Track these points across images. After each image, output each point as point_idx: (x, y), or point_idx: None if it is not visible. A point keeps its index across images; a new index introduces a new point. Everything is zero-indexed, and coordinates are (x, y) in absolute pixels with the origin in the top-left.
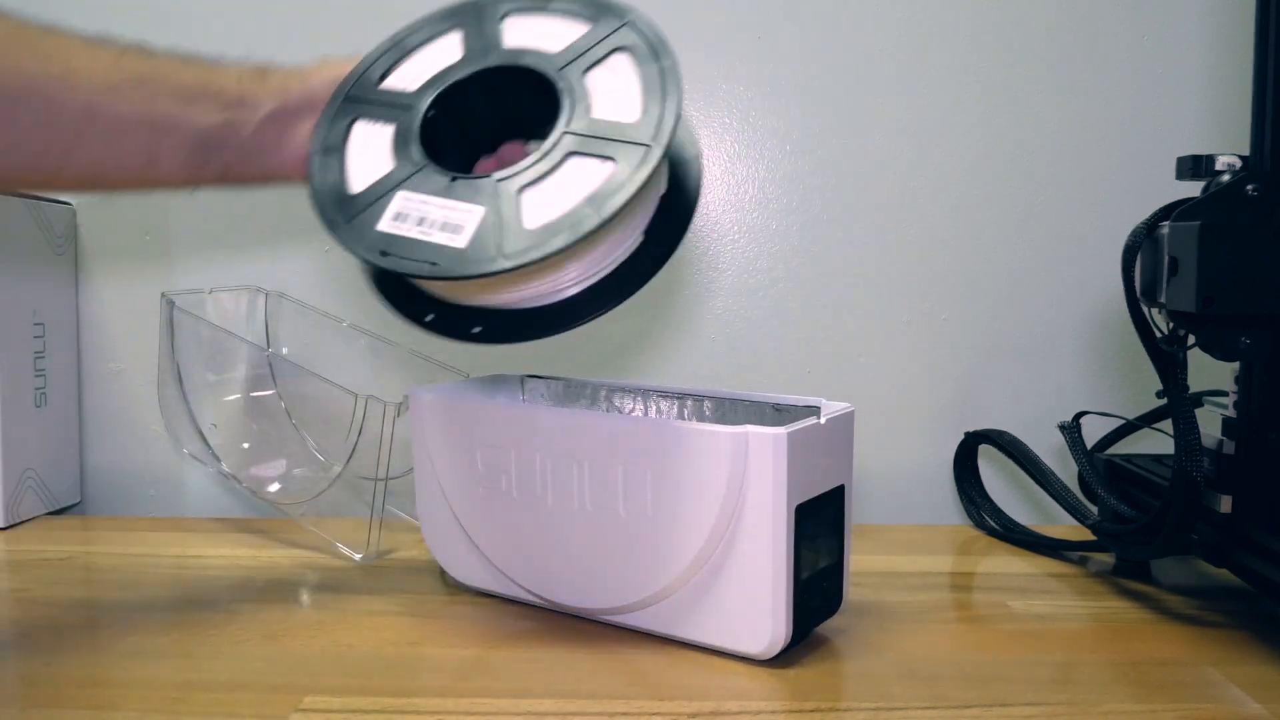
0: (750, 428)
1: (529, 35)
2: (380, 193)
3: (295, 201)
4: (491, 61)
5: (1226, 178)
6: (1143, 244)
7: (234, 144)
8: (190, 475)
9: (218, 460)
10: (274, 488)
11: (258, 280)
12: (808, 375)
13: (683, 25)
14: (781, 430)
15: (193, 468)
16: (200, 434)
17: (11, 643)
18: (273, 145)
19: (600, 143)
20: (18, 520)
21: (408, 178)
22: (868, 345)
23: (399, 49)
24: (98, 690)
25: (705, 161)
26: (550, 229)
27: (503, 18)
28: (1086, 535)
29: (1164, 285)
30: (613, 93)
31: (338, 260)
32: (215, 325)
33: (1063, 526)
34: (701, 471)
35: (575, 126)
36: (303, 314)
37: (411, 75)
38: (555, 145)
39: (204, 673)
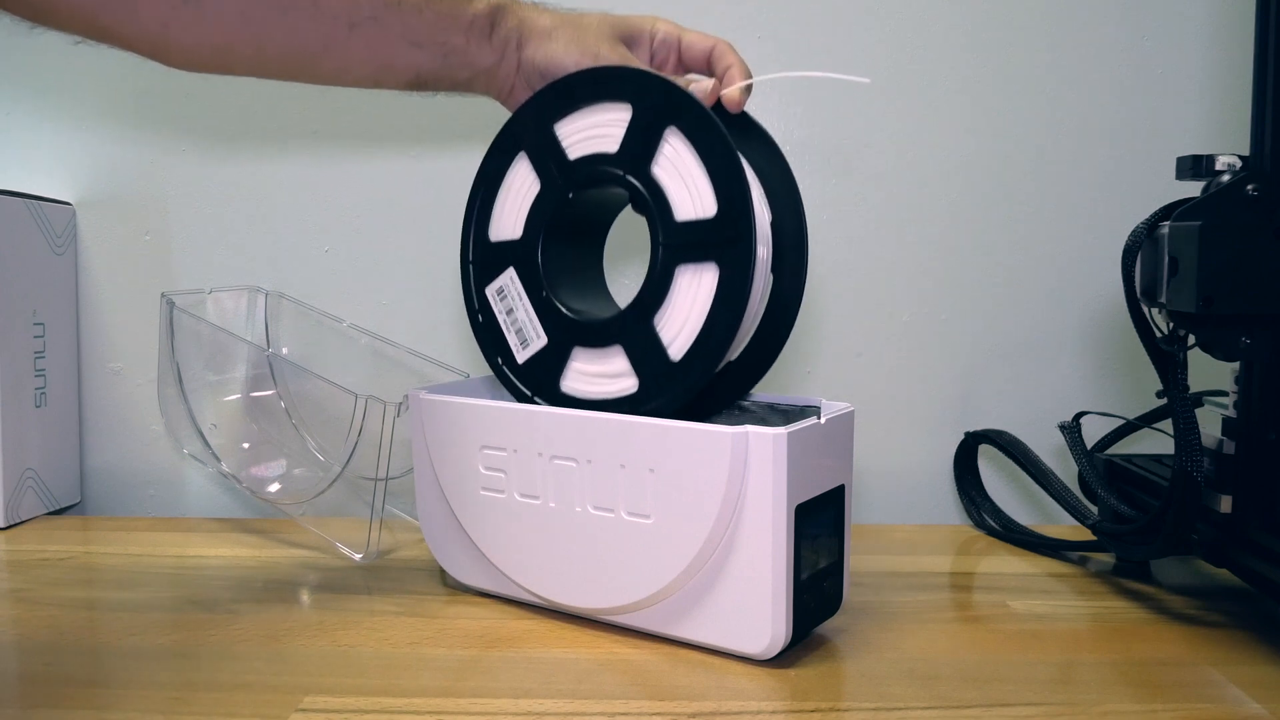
0: (750, 428)
1: (676, 175)
2: (502, 257)
3: (295, 203)
4: (631, 183)
5: (1226, 178)
6: (1143, 244)
7: (449, 82)
8: (190, 475)
9: (218, 460)
10: (274, 488)
11: (257, 280)
12: (808, 375)
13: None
14: (781, 430)
15: (192, 467)
16: (200, 434)
17: (11, 643)
18: (483, 85)
19: (642, 365)
20: (18, 520)
21: (522, 262)
22: (868, 345)
23: (580, 93)
24: (98, 690)
25: None
26: (578, 403)
27: (665, 129)
28: (1086, 535)
29: (1164, 285)
30: (681, 313)
31: (337, 260)
32: (215, 325)
33: (1063, 526)
34: (701, 471)
35: (633, 325)
36: (302, 314)
37: (576, 135)
38: (613, 329)
39: (204, 673)
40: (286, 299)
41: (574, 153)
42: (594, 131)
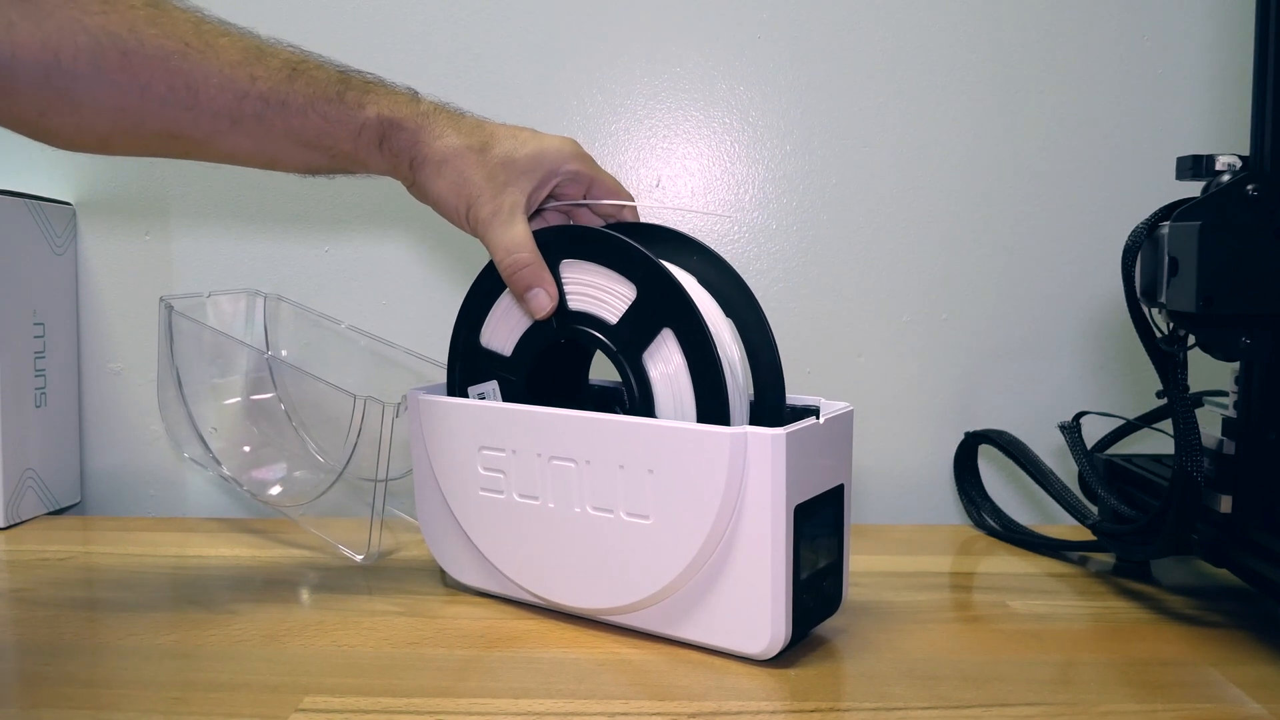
0: (750, 428)
1: (665, 376)
2: (489, 365)
3: (295, 202)
4: (622, 364)
5: (1226, 178)
6: (1143, 244)
7: (344, 173)
8: (190, 476)
9: (219, 464)
10: (275, 490)
11: (258, 279)
12: (808, 375)
13: (683, 24)
14: (780, 430)
15: (193, 468)
16: (201, 438)
17: (11, 643)
18: (377, 175)
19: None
20: (18, 520)
21: (505, 380)
22: (868, 345)
23: (591, 247)
24: (98, 690)
25: (706, 162)
26: None
27: (663, 328)
28: (1086, 535)
29: (1164, 285)
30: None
31: (336, 262)
32: (214, 329)
33: (1063, 526)
34: (701, 472)
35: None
36: (301, 316)
37: (579, 284)
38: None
39: (204, 673)
40: (285, 301)
41: (574, 303)
42: (596, 292)
